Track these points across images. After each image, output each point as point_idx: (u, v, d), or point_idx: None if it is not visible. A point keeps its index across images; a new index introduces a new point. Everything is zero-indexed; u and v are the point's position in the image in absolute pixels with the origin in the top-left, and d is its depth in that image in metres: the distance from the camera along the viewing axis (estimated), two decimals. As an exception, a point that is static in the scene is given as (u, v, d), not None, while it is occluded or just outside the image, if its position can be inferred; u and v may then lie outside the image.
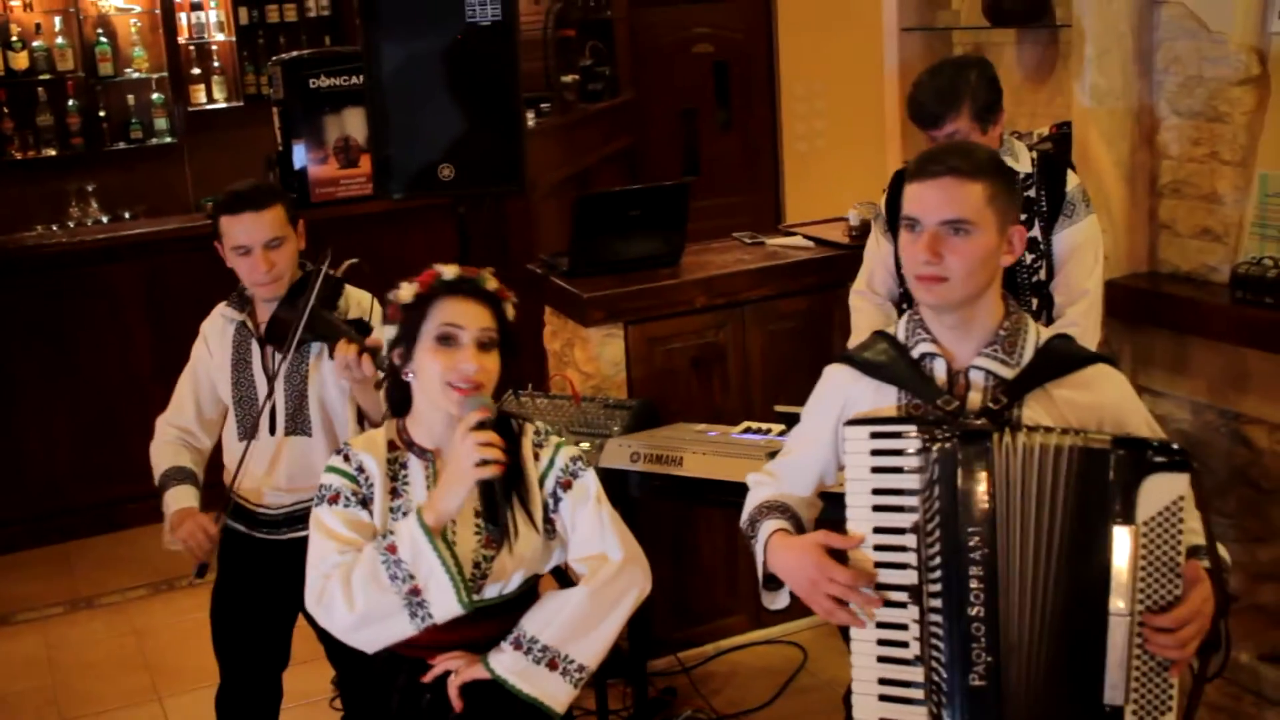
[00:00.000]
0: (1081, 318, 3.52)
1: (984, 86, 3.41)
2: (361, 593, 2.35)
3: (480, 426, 2.33)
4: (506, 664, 2.43)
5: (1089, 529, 2.08)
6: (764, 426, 3.71)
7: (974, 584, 2.10)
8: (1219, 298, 3.71)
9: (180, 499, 3.36)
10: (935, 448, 2.11)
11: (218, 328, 3.42)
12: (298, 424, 3.35)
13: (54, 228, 6.17)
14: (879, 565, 2.17)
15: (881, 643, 2.17)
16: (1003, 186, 2.22)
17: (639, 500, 3.83)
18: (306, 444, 3.35)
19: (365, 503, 2.45)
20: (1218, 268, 3.79)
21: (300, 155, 6.37)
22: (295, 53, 6.92)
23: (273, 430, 3.35)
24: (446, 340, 2.39)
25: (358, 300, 3.41)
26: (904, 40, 4.68)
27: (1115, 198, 3.96)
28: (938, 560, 2.12)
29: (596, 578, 2.47)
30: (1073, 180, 3.53)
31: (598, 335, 4.37)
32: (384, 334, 2.50)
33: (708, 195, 9.42)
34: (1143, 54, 3.92)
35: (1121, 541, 2.05)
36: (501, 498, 2.38)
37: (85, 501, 5.76)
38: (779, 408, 3.66)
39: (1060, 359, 2.26)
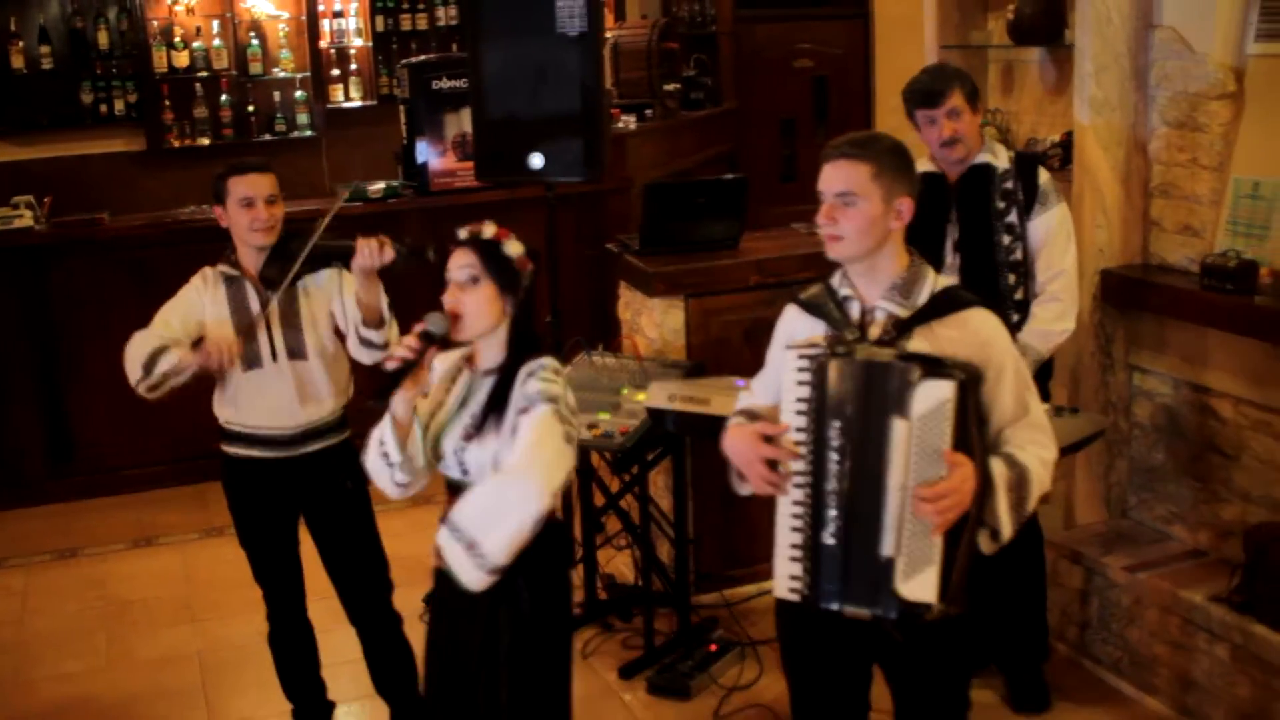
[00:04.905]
0: (1061, 292, 4.11)
1: (968, 79, 4.09)
2: (370, 452, 3.12)
3: (423, 336, 3.00)
4: (441, 536, 3.00)
5: (881, 422, 2.68)
6: (787, 381, 4.31)
7: (832, 465, 2.73)
8: (1193, 286, 4.22)
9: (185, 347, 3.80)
10: (814, 363, 2.74)
11: (209, 281, 3.94)
12: (295, 350, 3.92)
13: (204, 207, 6.91)
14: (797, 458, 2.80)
15: (791, 515, 2.81)
16: (889, 166, 2.80)
17: (676, 437, 4.48)
18: (305, 367, 3.93)
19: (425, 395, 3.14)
20: (1196, 260, 4.29)
21: (423, 150, 7.02)
22: (422, 57, 7.60)
23: (275, 357, 3.91)
24: (447, 281, 3.07)
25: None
26: (944, 56, 5.23)
27: (1111, 197, 4.48)
28: (810, 446, 2.76)
29: (497, 476, 2.99)
30: (1044, 175, 4.10)
31: (661, 306, 5.00)
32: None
33: (804, 201, 9.95)
34: (1139, 71, 4.44)
35: (899, 431, 2.66)
36: (393, 386, 2.99)
37: (219, 448, 6.54)
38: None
39: (944, 303, 2.83)
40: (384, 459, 3.09)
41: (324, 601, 4.22)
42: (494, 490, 2.95)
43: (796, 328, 2.97)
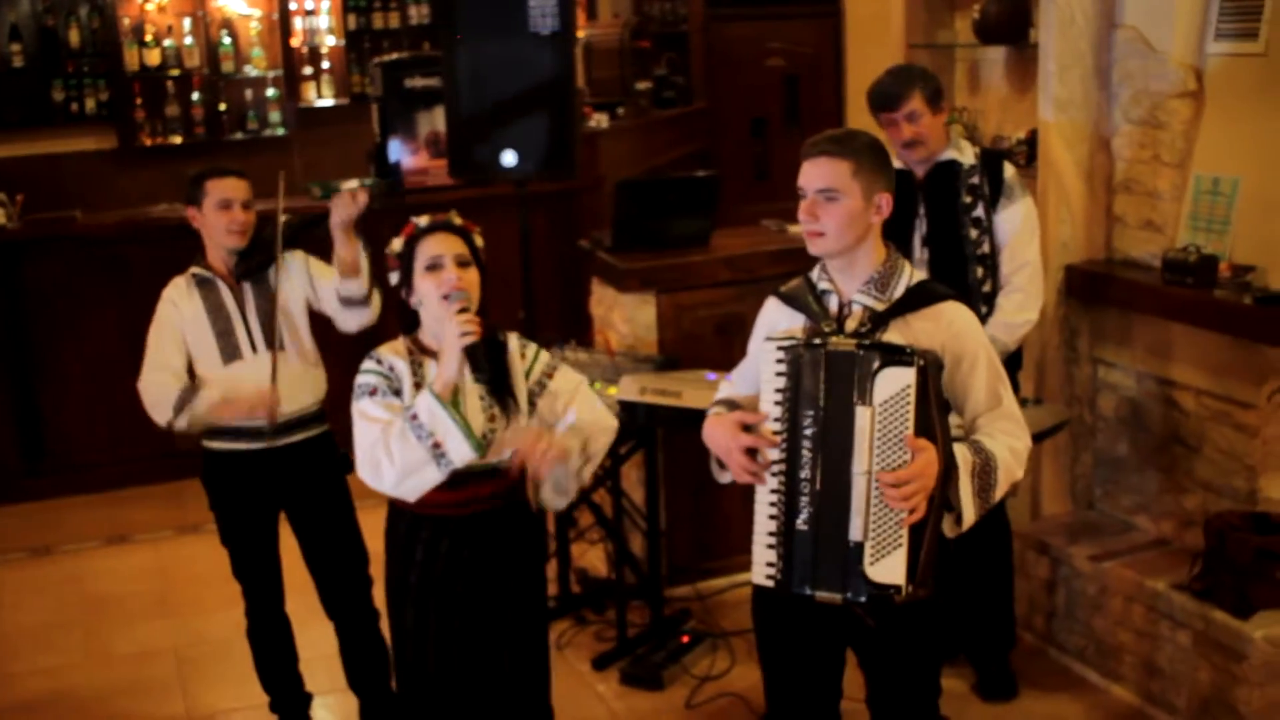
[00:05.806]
0: (1026, 283, 4.18)
1: (930, 80, 4.14)
2: (398, 452, 3.03)
3: (461, 312, 3.04)
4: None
5: (846, 410, 2.75)
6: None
7: (805, 453, 2.79)
8: (1155, 280, 4.30)
9: (216, 394, 3.92)
10: (790, 354, 2.80)
11: (182, 290, 3.98)
12: (272, 340, 3.97)
13: (177, 205, 6.92)
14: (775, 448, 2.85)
15: (768, 504, 2.86)
16: (868, 163, 2.85)
17: (649, 430, 4.53)
18: (283, 357, 3.97)
19: (397, 392, 3.15)
20: (1158, 255, 4.36)
21: (395, 148, 7.03)
22: (395, 55, 7.61)
23: (254, 349, 3.98)
24: (433, 267, 3.10)
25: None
26: (911, 55, 5.31)
27: (1075, 194, 4.56)
28: (786, 435, 2.82)
29: (590, 427, 3.28)
30: (1009, 170, 4.18)
31: (633, 301, 5.05)
32: (391, 279, 3.23)
33: (776, 199, 10.00)
34: (1101, 70, 4.52)
35: (863, 418, 2.73)
36: (483, 356, 3.06)
37: (194, 447, 6.58)
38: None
39: (918, 296, 2.90)
40: (433, 451, 3.02)
41: (302, 596, 4.26)
42: (589, 438, 3.26)
43: (776, 320, 3.03)
